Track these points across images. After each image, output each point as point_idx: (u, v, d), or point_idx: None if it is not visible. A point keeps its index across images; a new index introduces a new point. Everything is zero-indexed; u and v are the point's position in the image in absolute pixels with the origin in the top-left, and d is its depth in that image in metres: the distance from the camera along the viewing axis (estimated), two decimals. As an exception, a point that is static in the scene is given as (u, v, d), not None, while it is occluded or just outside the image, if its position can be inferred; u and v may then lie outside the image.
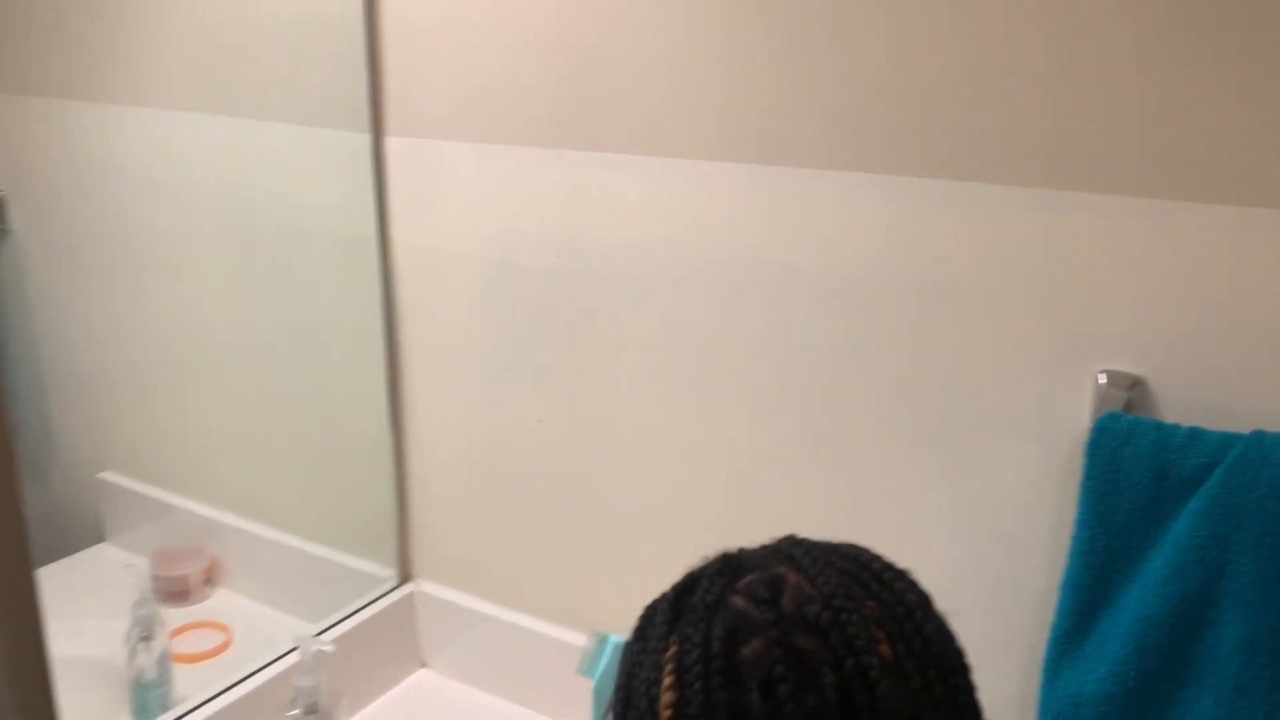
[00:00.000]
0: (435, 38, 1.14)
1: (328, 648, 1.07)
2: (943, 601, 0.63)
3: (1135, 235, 0.84)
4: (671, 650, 0.59)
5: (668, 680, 0.58)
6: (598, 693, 0.71)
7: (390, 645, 1.34)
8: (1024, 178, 0.88)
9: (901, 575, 0.63)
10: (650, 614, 0.64)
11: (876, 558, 0.64)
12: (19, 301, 1.58)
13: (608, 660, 0.71)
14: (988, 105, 0.88)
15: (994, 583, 0.96)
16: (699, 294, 1.06)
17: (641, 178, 1.05)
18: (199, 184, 1.36)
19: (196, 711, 1.12)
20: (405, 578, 1.36)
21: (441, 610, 1.33)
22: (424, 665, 1.37)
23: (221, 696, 1.14)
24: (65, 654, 1.30)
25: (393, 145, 1.20)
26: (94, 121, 1.40)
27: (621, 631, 0.77)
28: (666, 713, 0.57)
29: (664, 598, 0.64)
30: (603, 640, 0.71)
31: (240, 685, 1.16)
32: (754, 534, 1.00)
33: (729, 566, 0.63)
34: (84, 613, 1.39)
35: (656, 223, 1.06)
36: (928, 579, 0.98)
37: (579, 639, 1.20)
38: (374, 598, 1.33)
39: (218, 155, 1.33)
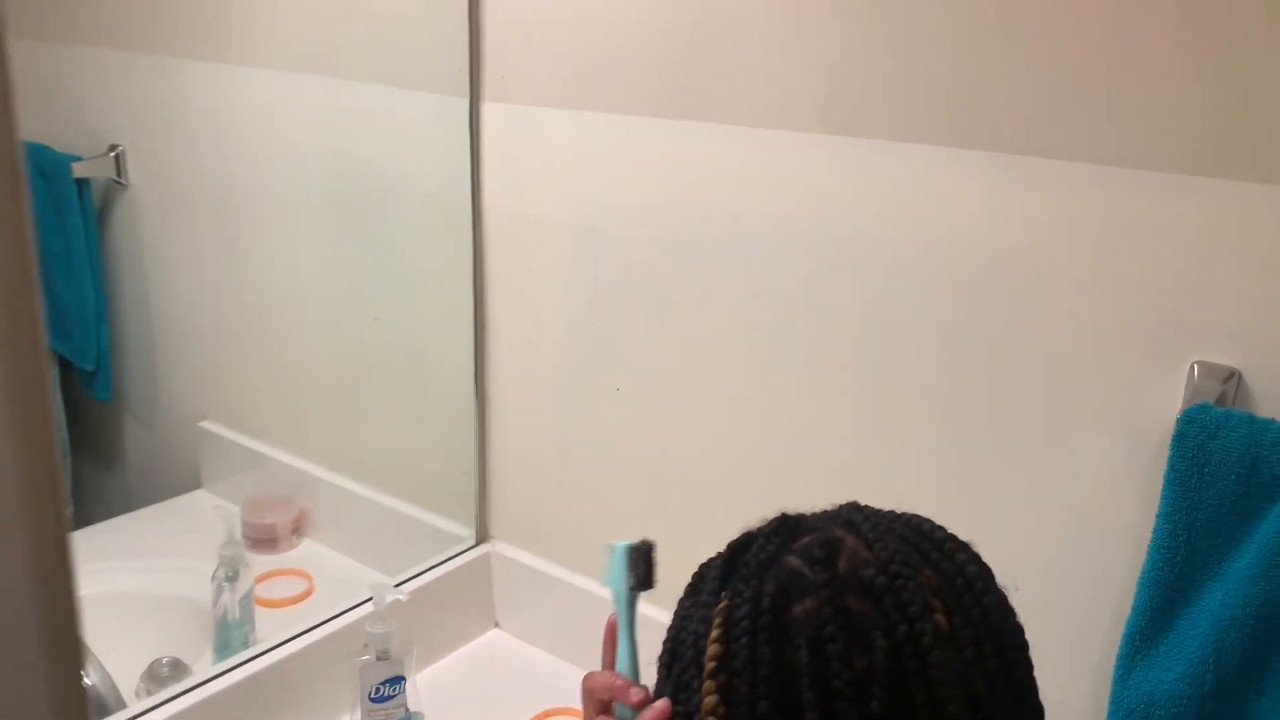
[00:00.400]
0: (536, 4, 1.15)
1: (402, 597, 1.10)
2: (1015, 587, 0.62)
3: (1241, 221, 0.81)
4: (722, 604, 0.59)
5: (715, 633, 0.58)
6: (615, 594, 0.73)
7: (465, 603, 1.37)
8: (1128, 159, 0.85)
9: (963, 547, 0.62)
10: (704, 570, 0.64)
11: (939, 528, 0.63)
12: (133, 253, 1.65)
13: (615, 563, 0.73)
14: (1096, 84, 0.85)
15: (1071, 574, 0.93)
16: (788, 268, 1.05)
17: (737, 148, 1.05)
18: (301, 143, 1.40)
19: (274, 651, 1.15)
20: (482, 538, 1.39)
21: (516, 572, 1.35)
22: (497, 625, 1.40)
23: (299, 639, 1.18)
24: (158, 592, 1.37)
25: (489, 111, 1.22)
26: (207, 80, 1.46)
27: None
28: (711, 665, 0.58)
29: (719, 555, 0.64)
30: (612, 549, 0.73)
31: (318, 629, 1.19)
32: None
33: (786, 526, 0.63)
34: (178, 554, 1.44)
35: (749, 194, 1.05)
36: (1002, 565, 0.96)
37: (651, 611, 1.21)
38: (451, 555, 1.36)
39: (321, 116, 1.37)
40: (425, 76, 1.24)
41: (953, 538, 0.62)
